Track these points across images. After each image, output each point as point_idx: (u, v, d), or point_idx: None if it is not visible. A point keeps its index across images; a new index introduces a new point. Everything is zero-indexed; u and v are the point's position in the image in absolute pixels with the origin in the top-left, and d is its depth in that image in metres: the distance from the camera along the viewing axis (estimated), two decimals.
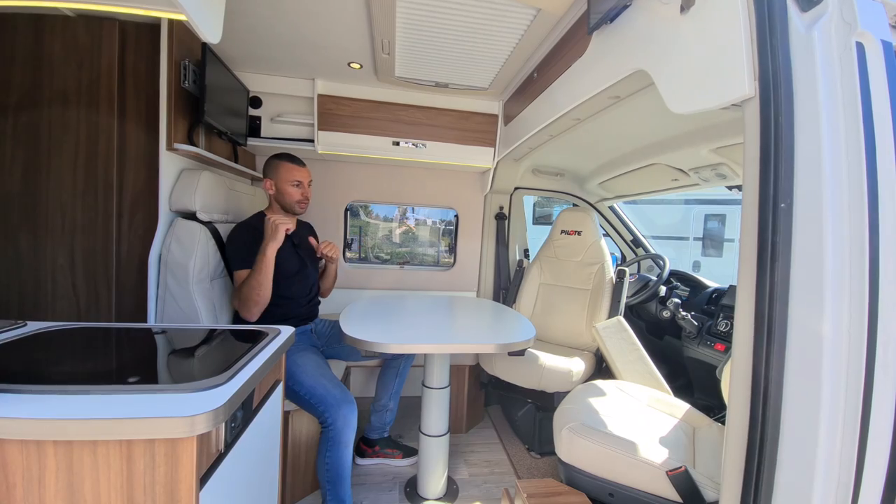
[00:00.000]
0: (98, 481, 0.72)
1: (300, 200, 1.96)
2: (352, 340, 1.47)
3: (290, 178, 1.93)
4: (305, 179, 1.98)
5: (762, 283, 0.79)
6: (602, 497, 1.37)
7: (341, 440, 1.58)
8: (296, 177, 1.94)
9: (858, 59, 0.79)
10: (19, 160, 1.69)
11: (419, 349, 1.67)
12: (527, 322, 1.89)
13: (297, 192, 1.95)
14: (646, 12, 1.14)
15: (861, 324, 0.74)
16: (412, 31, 1.79)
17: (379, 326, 1.74)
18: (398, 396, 2.25)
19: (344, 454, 1.59)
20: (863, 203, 0.74)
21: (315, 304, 2.12)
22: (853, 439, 0.76)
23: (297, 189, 1.95)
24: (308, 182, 2.00)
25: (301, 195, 1.96)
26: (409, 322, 1.92)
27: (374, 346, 1.45)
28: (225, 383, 0.82)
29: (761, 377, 0.79)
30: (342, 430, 1.58)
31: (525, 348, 1.58)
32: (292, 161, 1.97)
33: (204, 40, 1.02)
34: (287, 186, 1.93)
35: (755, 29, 0.82)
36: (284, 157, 1.98)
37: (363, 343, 1.45)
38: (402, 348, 1.62)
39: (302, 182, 1.96)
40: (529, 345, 1.61)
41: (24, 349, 1.02)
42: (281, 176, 1.94)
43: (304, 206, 1.99)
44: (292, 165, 1.95)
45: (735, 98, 0.84)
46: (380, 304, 2.17)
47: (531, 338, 1.62)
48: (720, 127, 1.73)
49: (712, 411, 1.96)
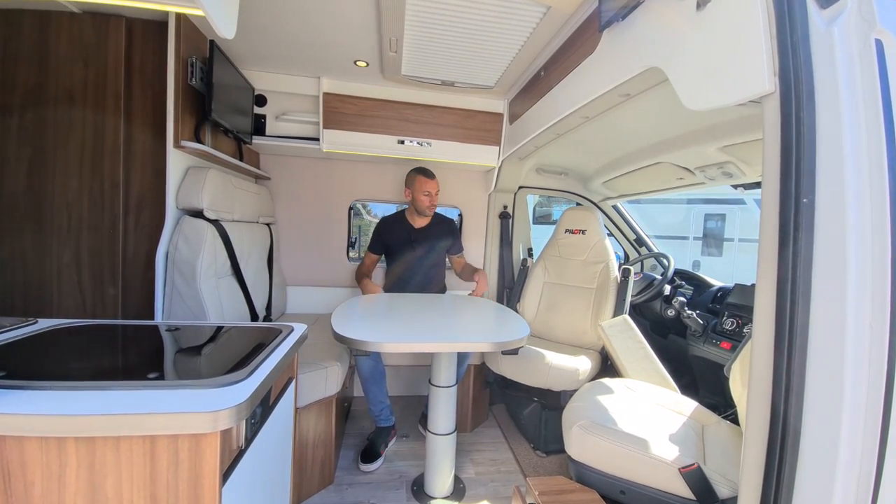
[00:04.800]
0: (121, 478, 0.71)
1: (429, 206, 2.46)
2: (340, 339, 1.42)
3: (422, 189, 2.41)
4: (434, 190, 2.44)
5: (783, 280, 0.79)
6: (614, 494, 1.37)
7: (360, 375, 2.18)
8: (427, 188, 2.41)
9: (878, 56, 0.79)
10: (25, 158, 1.68)
11: (412, 348, 1.64)
12: (521, 321, 1.85)
13: (427, 200, 2.44)
14: (660, 9, 1.14)
15: (883, 320, 0.74)
16: (421, 29, 1.78)
17: (372, 325, 1.70)
18: None
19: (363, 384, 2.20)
20: (885, 198, 0.75)
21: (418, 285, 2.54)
22: (874, 437, 0.76)
23: (426, 198, 2.43)
24: (436, 192, 2.45)
25: (429, 202, 2.45)
26: (405, 320, 1.86)
27: (362, 344, 1.39)
28: (246, 379, 0.82)
29: (783, 375, 0.79)
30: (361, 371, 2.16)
31: (518, 347, 1.54)
32: (425, 175, 2.43)
33: (220, 35, 1.01)
34: (420, 196, 2.42)
35: (775, 25, 0.82)
36: (419, 172, 2.44)
37: (351, 342, 1.39)
38: (395, 347, 1.57)
39: (431, 192, 2.43)
40: (522, 344, 1.56)
41: (37, 346, 1.01)
42: (416, 187, 2.42)
43: (431, 210, 2.49)
44: (424, 179, 2.42)
45: (755, 94, 0.84)
46: (377, 302, 2.16)
47: (524, 336, 1.57)
48: (728, 125, 1.73)
49: (718, 409, 1.97)
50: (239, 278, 2.03)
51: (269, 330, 1.23)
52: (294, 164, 2.78)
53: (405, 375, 2.93)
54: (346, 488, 1.93)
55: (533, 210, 7.92)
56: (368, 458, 2.10)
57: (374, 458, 2.10)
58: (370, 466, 2.07)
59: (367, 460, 2.09)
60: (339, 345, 2.09)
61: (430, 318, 1.92)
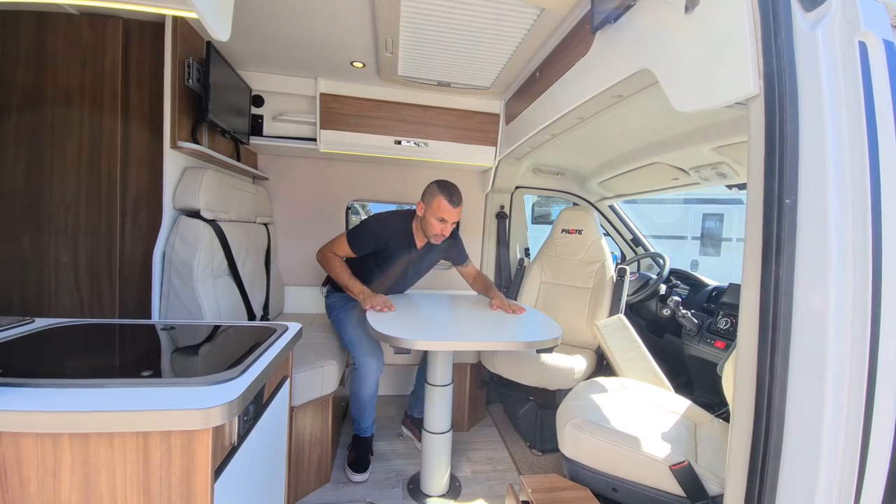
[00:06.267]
0: (114, 474, 0.72)
1: (437, 235, 2.06)
2: (382, 337, 1.54)
3: (439, 213, 2.00)
4: (451, 219, 2.03)
5: (767, 278, 0.81)
6: (606, 492, 1.39)
7: (363, 380, 1.96)
8: (443, 214, 2.00)
9: (861, 59, 0.81)
10: (22, 159, 1.69)
11: (448, 346, 1.73)
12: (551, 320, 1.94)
13: (439, 226, 2.03)
14: (650, 12, 1.15)
15: (864, 319, 0.76)
16: (416, 30, 1.80)
17: (406, 324, 1.77)
18: None
19: (362, 388, 1.98)
20: (866, 199, 0.76)
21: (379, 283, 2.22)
22: (857, 433, 0.78)
23: (440, 224, 2.02)
24: (453, 221, 2.05)
25: (440, 230, 2.04)
26: (435, 320, 1.94)
27: (404, 342, 1.50)
28: (238, 377, 0.83)
29: (766, 372, 0.81)
30: (365, 374, 1.95)
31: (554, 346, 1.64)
32: (449, 199, 1.99)
33: (214, 38, 1.02)
34: (432, 219, 2.02)
35: (760, 28, 0.84)
36: (443, 191, 1.99)
37: (394, 340, 1.51)
38: (430, 345, 1.67)
39: (447, 221, 2.02)
40: (557, 343, 1.64)
41: (34, 345, 1.02)
42: (433, 206, 2.01)
43: (438, 240, 2.09)
44: (447, 204, 1.98)
45: (740, 96, 0.86)
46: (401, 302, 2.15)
47: (558, 336, 1.65)
48: (721, 126, 1.74)
49: (713, 408, 1.98)
50: (236, 278, 2.04)
51: (263, 329, 1.25)
52: (291, 165, 2.79)
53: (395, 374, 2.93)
54: (343, 487, 1.95)
55: (532, 210, 7.94)
56: (361, 467, 2.03)
57: (365, 467, 2.04)
58: (363, 476, 2.01)
59: (361, 469, 2.02)
60: (335, 344, 2.11)
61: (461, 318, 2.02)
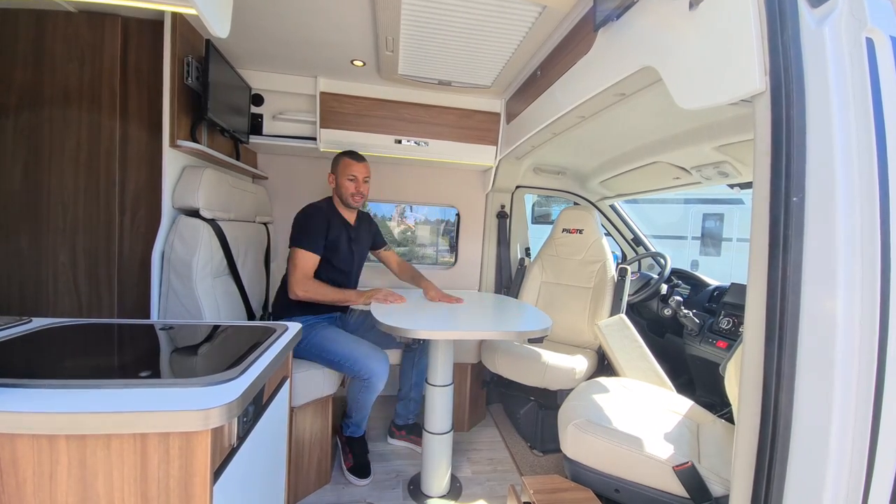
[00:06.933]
0: (111, 476, 0.71)
1: (354, 194, 2.08)
2: (387, 328, 1.59)
3: (347, 173, 2.06)
4: (361, 175, 2.08)
5: (773, 277, 0.80)
6: (608, 493, 1.38)
7: (372, 386, 1.88)
8: (352, 171, 2.06)
9: (868, 55, 0.80)
10: (21, 158, 1.68)
11: (445, 335, 1.79)
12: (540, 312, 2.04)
13: (352, 185, 2.07)
14: (653, 9, 1.14)
15: (873, 318, 0.75)
16: (417, 28, 1.79)
17: (407, 316, 1.82)
18: (419, 387, 2.31)
19: (372, 396, 1.92)
20: (874, 196, 0.75)
21: None
22: (864, 434, 0.77)
23: (352, 183, 2.06)
24: (364, 178, 2.10)
25: (355, 189, 2.07)
26: (433, 312, 1.97)
27: (405, 332, 1.58)
28: (237, 377, 0.82)
29: (773, 372, 0.80)
30: (377, 381, 1.87)
31: (544, 336, 1.71)
32: (351, 157, 2.09)
33: (213, 34, 1.01)
34: (344, 180, 2.07)
35: (766, 24, 0.83)
36: (345, 154, 2.11)
37: (396, 329, 1.58)
38: (430, 334, 1.74)
39: (357, 177, 2.07)
40: (547, 333, 1.70)
41: (30, 345, 1.01)
42: (340, 170, 2.09)
43: (357, 199, 2.10)
44: (350, 160, 2.08)
45: (746, 93, 0.85)
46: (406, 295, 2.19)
47: (548, 326, 1.71)
48: (723, 124, 1.73)
49: (714, 408, 1.97)
50: (235, 278, 2.03)
51: (263, 329, 1.24)
52: (291, 164, 2.78)
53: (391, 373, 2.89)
54: (343, 488, 1.94)
55: (532, 210, 7.92)
56: (363, 472, 1.99)
57: (367, 471, 2.00)
58: (367, 480, 1.97)
59: (363, 474, 1.98)
60: None
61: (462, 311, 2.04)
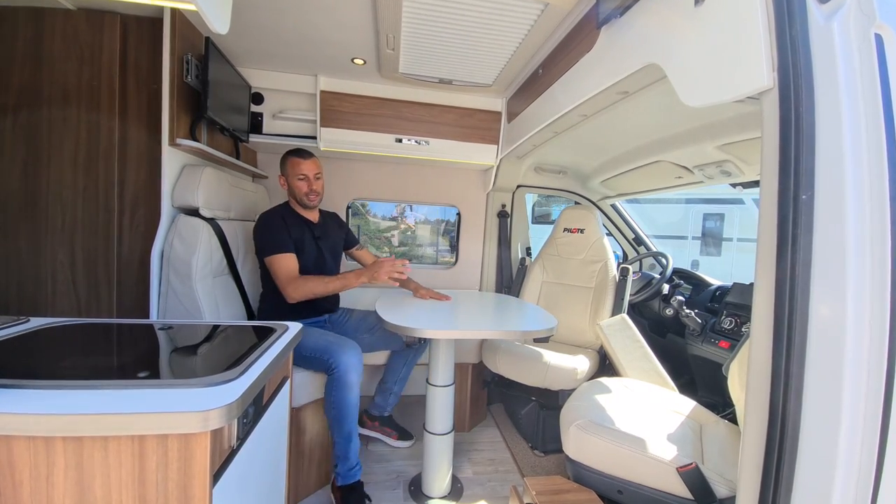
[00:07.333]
0: (109, 478, 0.70)
1: (307, 193, 1.97)
2: (393, 328, 1.58)
3: (296, 173, 1.96)
4: (311, 172, 1.97)
5: (781, 277, 0.78)
6: (611, 494, 1.37)
7: (346, 381, 1.66)
8: (301, 170, 1.95)
9: (878, 51, 0.78)
10: (19, 156, 1.66)
11: (455, 335, 1.79)
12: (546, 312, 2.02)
13: (304, 185, 1.96)
14: (658, 5, 1.13)
15: (883, 318, 0.73)
16: (418, 26, 1.77)
17: (413, 315, 1.82)
18: (403, 383, 2.30)
19: (348, 395, 1.67)
20: (884, 194, 0.74)
21: (333, 297, 2.13)
22: (874, 436, 0.75)
23: (303, 182, 1.96)
24: (314, 174, 1.99)
25: (308, 188, 1.96)
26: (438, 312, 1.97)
27: (412, 331, 1.57)
28: (237, 378, 0.81)
29: (781, 374, 0.78)
30: (346, 372, 1.66)
31: (549, 335, 1.71)
32: (298, 155, 1.98)
33: (213, 31, 1.00)
34: (295, 181, 1.96)
35: (773, 20, 0.81)
36: (291, 153, 1.99)
37: (403, 329, 1.57)
38: (440, 334, 1.71)
39: (307, 175, 1.96)
40: (553, 332, 1.68)
41: (28, 345, 1.00)
42: (288, 171, 1.98)
43: (313, 198, 1.99)
44: (297, 159, 1.97)
45: (753, 90, 0.83)
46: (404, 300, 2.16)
47: (554, 325, 1.69)
48: (726, 123, 1.72)
49: (717, 409, 1.96)
50: (235, 277, 2.02)
51: (263, 329, 1.22)
52: None
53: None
54: None
55: (532, 210, 7.91)
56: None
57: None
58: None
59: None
60: None
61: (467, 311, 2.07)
